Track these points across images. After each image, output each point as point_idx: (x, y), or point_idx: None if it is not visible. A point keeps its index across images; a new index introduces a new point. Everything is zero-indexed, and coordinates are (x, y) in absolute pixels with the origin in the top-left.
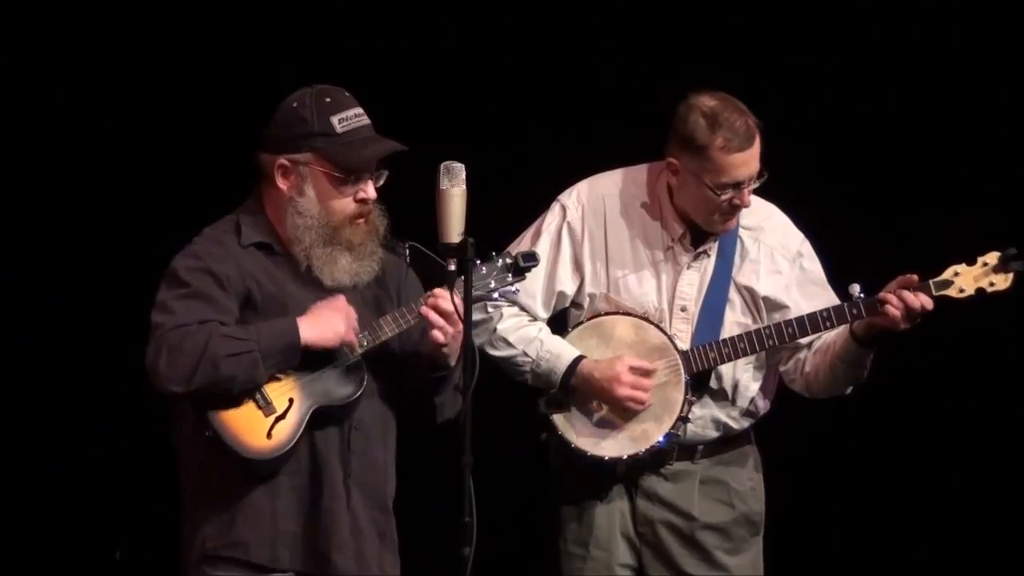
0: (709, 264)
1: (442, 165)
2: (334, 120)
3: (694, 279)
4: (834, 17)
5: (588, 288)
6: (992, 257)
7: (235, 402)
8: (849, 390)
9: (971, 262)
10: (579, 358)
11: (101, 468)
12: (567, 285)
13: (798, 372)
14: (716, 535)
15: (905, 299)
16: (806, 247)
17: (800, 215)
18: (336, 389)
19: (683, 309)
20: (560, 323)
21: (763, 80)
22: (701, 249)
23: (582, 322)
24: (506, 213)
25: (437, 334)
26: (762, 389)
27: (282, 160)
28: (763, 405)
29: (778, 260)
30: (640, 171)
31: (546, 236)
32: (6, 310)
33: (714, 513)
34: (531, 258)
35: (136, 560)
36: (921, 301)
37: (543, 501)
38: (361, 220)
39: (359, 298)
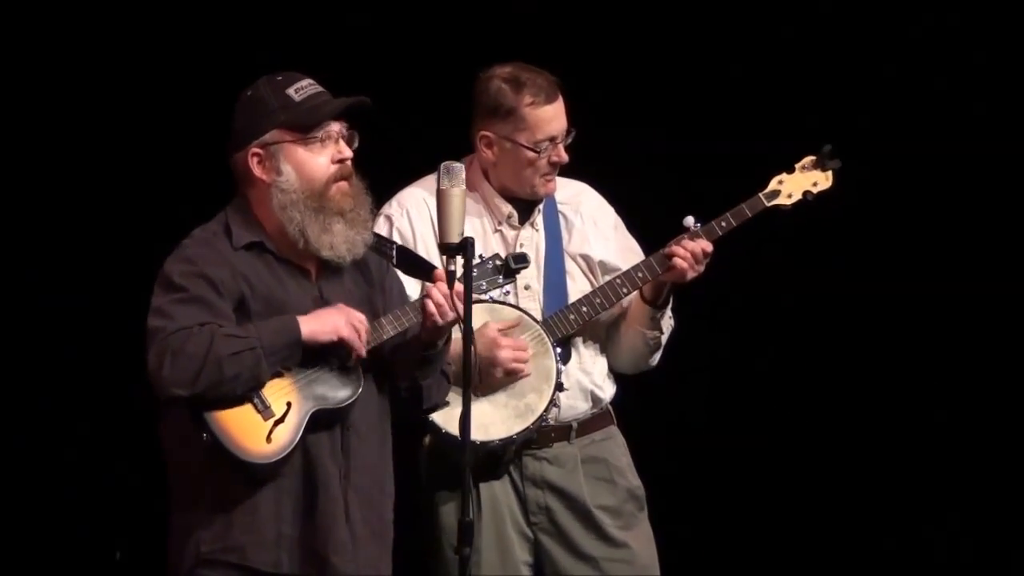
0: (540, 240)
1: (442, 165)
2: (290, 91)
3: (530, 257)
4: None
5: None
6: (808, 160)
7: (235, 406)
8: (653, 360)
9: (791, 170)
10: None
11: (100, 468)
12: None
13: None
14: (608, 513)
15: (686, 247)
16: (619, 220)
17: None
18: (333, 392)
19: (527, 287)
20: None
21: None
22: (529, 222)
23: None
24: None
25: (430, 305)
26: (613, 355)
27: (254, 149)
28: (613, 373)
29: (603, 227)
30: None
31: None
32: (5, 310)
33: (601, 494)
34: (522, 259)
35: (136, 560)
36: (700, 245)
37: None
38: (343, 182)
39: (350, 296)
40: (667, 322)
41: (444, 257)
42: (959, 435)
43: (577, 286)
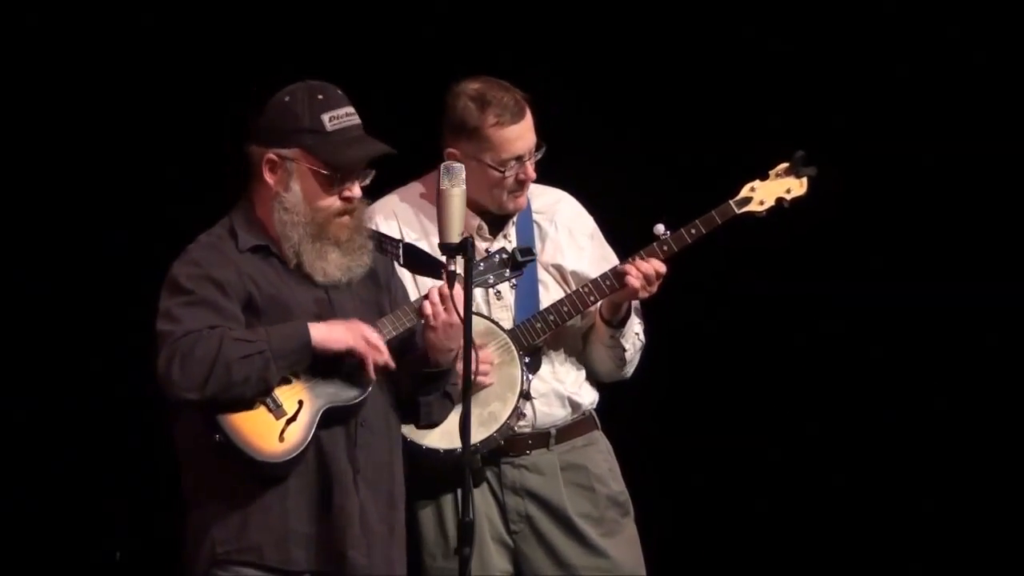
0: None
1: (442, 165)
2: (324, 118)
3: (536, 250)
4: None
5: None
6: (782, 166)
7: (246, 406)
8: (627, 370)
9: (764, 177)
10: None
11: (101, 468)
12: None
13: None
14: (589, 522)
15: (639, 267)
16: (597, 229)
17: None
18: (344, 390)
19: (499, 296)
20: None
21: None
22: (501, 234)
23: None
24: None
25: (427, 306)
26: (588, 365)
27: (270, 154)
28: (594, 379)
29: (578, 237)
30: (420, 181)
31: None
32: (5, 310)
33: (581, 503)
34: (528, 252)
35: (136, 560)
36: (653, 265)
37: None
38: (346, 216)
39: (358, 300)
40: (630, 340)
41: (445, 257)
42: (949, 435)
43: (550, 295)
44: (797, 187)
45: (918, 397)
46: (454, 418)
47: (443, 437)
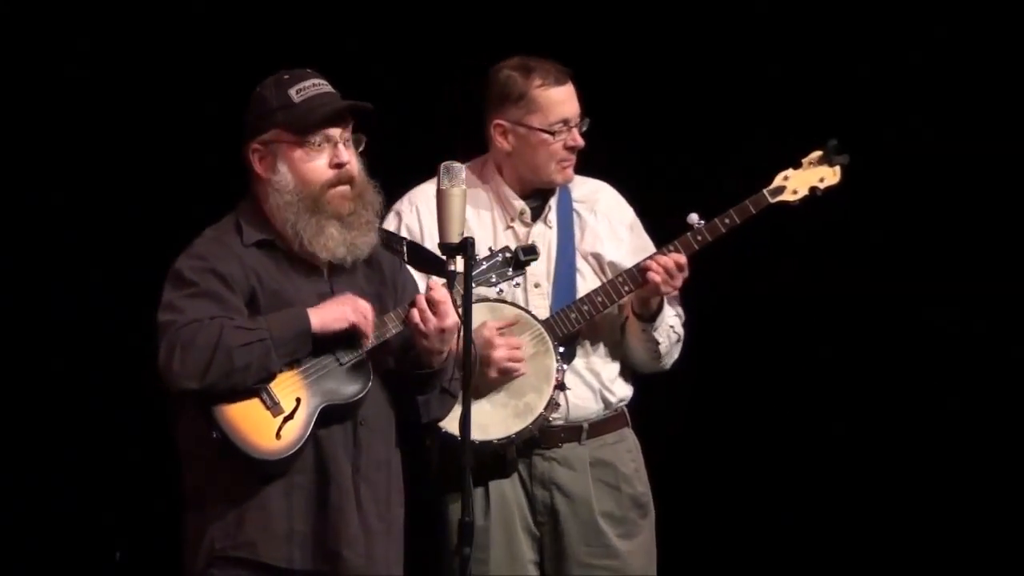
0: (552, 237)
1: (442, 165)
2: (291, 92)
3: (541, 255)
4: None
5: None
6: (815, 155)
7: (245, 398)
8: (666, 362)
9: (797, 165)
10: None
11: (101, 468)
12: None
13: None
14: (610, 521)
15: (659, 261)
16: (636, 220)
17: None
18: (343, 387)
19: (536, 286)
20: None
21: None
22: (541, 220)
23: None
24: None
25: (414, 315)
26: (625, 356)
27: (254, 145)
28: (629, 375)
29: (617, 227)
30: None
31: None
32: (6, 310)
33: (605, 500)
34: (531, 251)
35: (136, 560)
36: (673, 258)
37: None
38: (343, 187)
39: (361, 295)
40: (663, 333)
41: (445, 258)
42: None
43: (587, 285)
44: (830, 176)
45: (967, 396)
46: (490, 410)
47: (477, 429)
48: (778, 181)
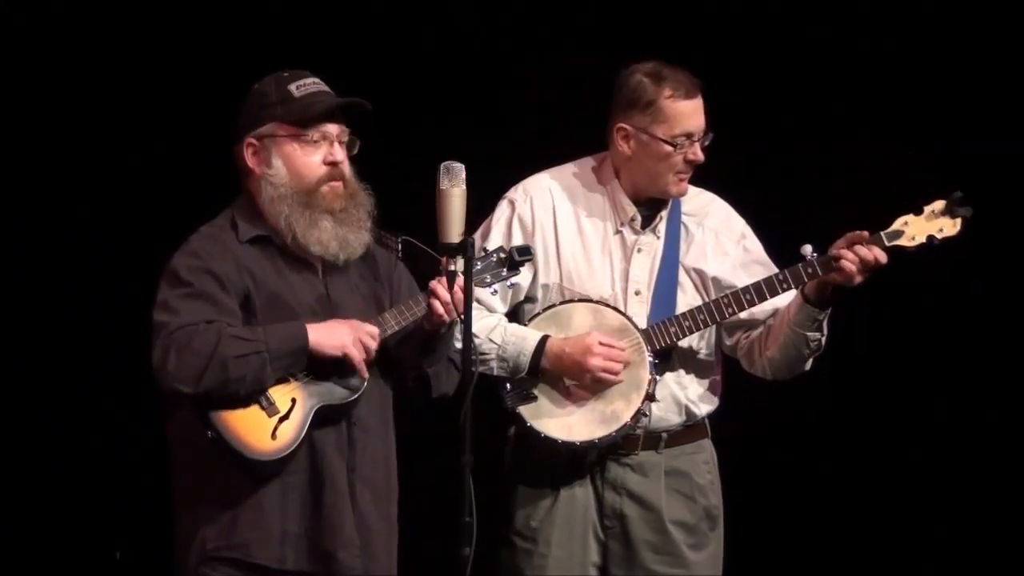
0: (658, 248)
1: (442, 165)
2: (291, 87)
3: (645, 263)
4: None
5: (541, 279)
6: (938, 204)
7: (239, 404)
8: (808, 364)
9: (918, 211)
10: (545, 337)
11: (101, 468)
12: (522, 277)
13: (757, 352)
14: (682, 530)
15: (859, 253)
16: (748, 230)
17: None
18: (338, 388)
19: (637, 293)
20: (513, 320)
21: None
22: (650, 229)
23: (538, 314)
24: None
25: (437, 306)
26: (716, 372)
27: (250, 139)
28: (718, 390)
29: (723, 242)
30: (584, 161)
31: (496, 231)
32: (4, 310)
33: (679, 509)
34: (525, 252)
35: (136, 560)
36: (875, 254)
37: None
38: (335, 183)
39: (356, 295)
40: (825, 327)
41: (445, 257)
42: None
43: (687, 298)
44: (950, 227)
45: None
46: (577, 411)
47: (561, 428)
48: (897, 225)
